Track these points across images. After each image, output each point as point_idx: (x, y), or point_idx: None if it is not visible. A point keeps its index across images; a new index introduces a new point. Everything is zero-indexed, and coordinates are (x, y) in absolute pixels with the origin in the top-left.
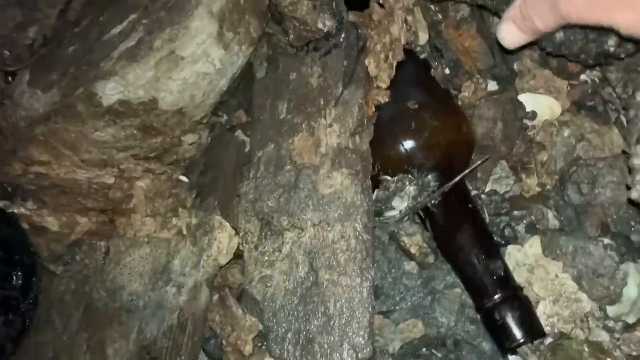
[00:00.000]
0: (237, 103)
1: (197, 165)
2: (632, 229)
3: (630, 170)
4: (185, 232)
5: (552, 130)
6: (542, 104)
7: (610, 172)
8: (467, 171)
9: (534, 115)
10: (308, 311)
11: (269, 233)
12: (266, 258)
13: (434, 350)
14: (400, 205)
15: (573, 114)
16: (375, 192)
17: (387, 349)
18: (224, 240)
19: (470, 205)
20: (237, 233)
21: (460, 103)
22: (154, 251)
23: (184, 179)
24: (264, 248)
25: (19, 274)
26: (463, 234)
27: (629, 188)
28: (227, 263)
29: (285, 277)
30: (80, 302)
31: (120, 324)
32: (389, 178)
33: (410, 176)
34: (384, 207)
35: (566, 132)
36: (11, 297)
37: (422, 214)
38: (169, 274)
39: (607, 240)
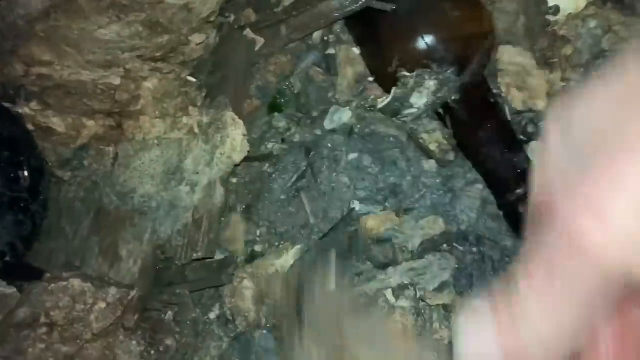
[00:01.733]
0: (245, 1)
1: (205, 65)
2: None
3: None
4: (196, 130)
5: (576, 23)
6: None
7: None
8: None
9: (556, 10)
10: None
11: None
12: None
13: (455, 244)
14: (418, 101)
15: (598, 7)
16: (393, 90)
17: (406, 246)
18: (237, 137)
19: (491, 100)
20: None
21: None
22: (164, 152)
23: (192, 78)
24: None
25: (26, 174)
26: (484, 129)
27: None
28: (241, 161)
29: None
30: (90, 208)
31: (133, 226)
32: (407, 74)
33: (429, 70)
34: (401, 105)
35: (592, 23)
36: (19, 197)
37: (441, 110)
38: (181, 173)
39: None
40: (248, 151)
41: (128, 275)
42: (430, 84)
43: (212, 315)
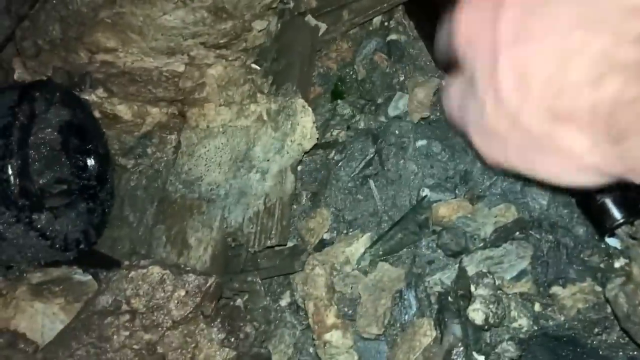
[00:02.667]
0: None
1: (268, 52)
2: None
3: None
4: (265, 118)
5: None
6: None
7: None
8: None
9: None
10: None
11: None
12: None
13: (530, 231)
14: None
15: None
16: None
17: (478, 234)
18: (307, 124)
19: None
20: None
21: None
22: (230, 140)
23: (256, 66)
24: None
25: (94, 162)
26: None
27: None
28: (312, 148)
29: None
30: (154, 196)
31: (201, 214)
32: None
33: None
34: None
35: None
36: (89, 185)
37: None
38: (251, 161)
39: None
40: (317, 139)
41: (199, 263)
42: None
43: (282, 303)
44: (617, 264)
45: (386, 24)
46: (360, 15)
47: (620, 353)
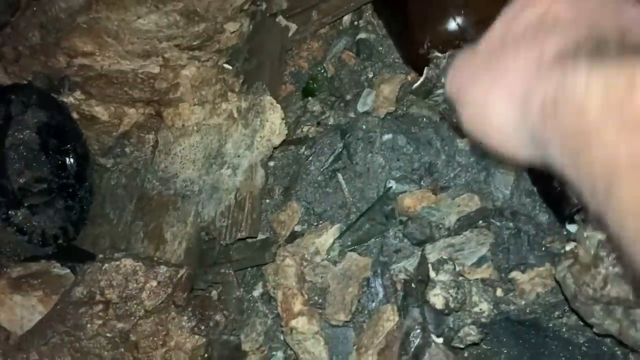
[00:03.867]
0: None
1: (240, 52)
2: None
3: None
4: (236, 115)
5: None
6: None
7: None
8: None
9: None
10: None
11: None
12: None
13: (492, 219)
14: None
15: None
16: (425, 70)
17: (443, 223)
18: (275, 121)
19: None
20: None
21: None
22: (204, 138)
23: (228, 66)
24: None
25: (73, 162)
26: None
27: None
28: (281, 143)
29: None
30: (133, 194)
31: (176, 209)
32: (439, 54)
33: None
34: (434, 85)
35: None
36: (68, 184)
37: None
38: (222, 157)
39: None
40: (286, 134)
41: (174, 256)
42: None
43: (255, 294)
44: (567, 247)
45: (356, 23)
46: (329, 15)
47: (580, 335)
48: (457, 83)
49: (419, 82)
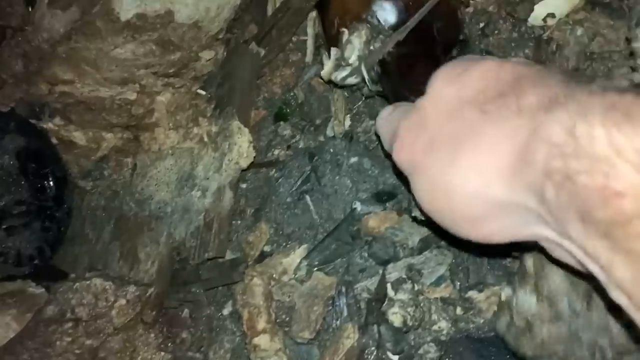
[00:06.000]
0: (249, 18)
1: (214, 78)
2: None
3: (632, 54)
4: (206, 139)
5: (564, 28)
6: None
7: (626, 63)
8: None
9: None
10: None
11: None
12: None
13: (453, 240)
14: (351, 55)
15: (587, 12)
16: (332, 51)
17: (407, 243)
18: (243, 144)
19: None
20: None
21: None
22: (178, 161)
23: (202, 92)
24: None
25: (51, 184)
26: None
27: (633, 70)
28: (249, 167)
29: None
30: (111, 215)
31: (150, 230)
32: (345, 29)
33: (366, 23)
34: (339, 65)
35: (579, 31)
36: (46, 206)
37: (377, 71)
38: (194, 180)
39: None
40: (255, 157)
41: (146, 276)
42: (362, 33)
43: (225, 312)
44: (503, 296)
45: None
46: (286, 31)
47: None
48: (408, 154)
49: (328, 65)
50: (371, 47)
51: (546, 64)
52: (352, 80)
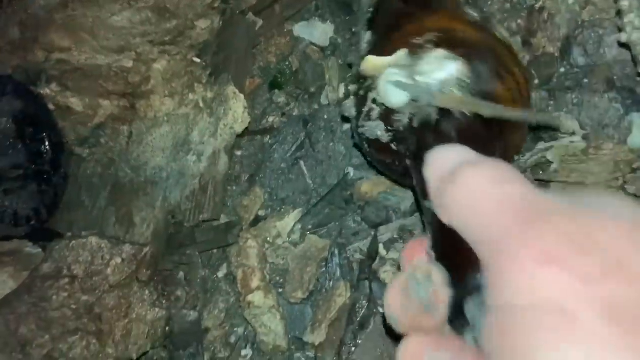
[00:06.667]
0: None
1: (210, 47)
2: (637, 83)
3: (619, 13)
4: (201, 105)
5: None
6: None
7: (616, 30)
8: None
9: None
10: None
11: None
12: None
13: None
14: (427, 73)
15: None
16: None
17: (399, 207)
18: (238, 110)
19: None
20: None
21: None
22: (173, 127)
23: (197, 59)
24: None
25: (48, 149)
26: None
27: (620, 30)
28: (243, 132)
29: None
30: (107, 182)
31: (146, 195)
32: (439, 49)
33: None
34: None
35: (570, 0)
36: (42, 170)
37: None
38: (189, 145)
39: (612, 95)
40: (250, 124)
41: (142, 239)
42: (454, 66)
43: (220, 274)
44: None
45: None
46: (291, 8)
47: None
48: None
49: (388, 59)
50: (452, 90)
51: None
52: (398, 95)
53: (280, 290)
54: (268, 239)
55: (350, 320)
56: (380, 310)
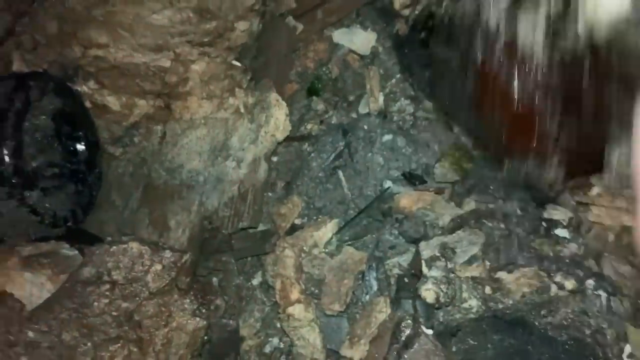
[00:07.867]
0: None
1: (249, 50)
2: None
3: None
4: (242, 110)
5: None
6: None
7: None
8: None
9: None
10: None
11: None
12: None
13: (484, 220)
14: None
15: None
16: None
17: (437, 223)
18: (280, 117)
19: None
20: None
21: None
22: (211, 131)
23: (237, 63)
24: None
25: (84, 148)
26: None
27: None
28: (284, 139)
29: None
30: (139, 182)
31: (181, 198)
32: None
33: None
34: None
35: None
36: (79, 170)
37: None
38: (228, 150)
39: None
40: (290, 131)
41: (177, 243)
42: None
43: (254, 282)
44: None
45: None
46: (333, 14)
47: (564, 333)
48: None
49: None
50: None
51: None
52: None
53: (316, 301)
54: (304, 248)
55: (394, 339)
56: (425, 330)
